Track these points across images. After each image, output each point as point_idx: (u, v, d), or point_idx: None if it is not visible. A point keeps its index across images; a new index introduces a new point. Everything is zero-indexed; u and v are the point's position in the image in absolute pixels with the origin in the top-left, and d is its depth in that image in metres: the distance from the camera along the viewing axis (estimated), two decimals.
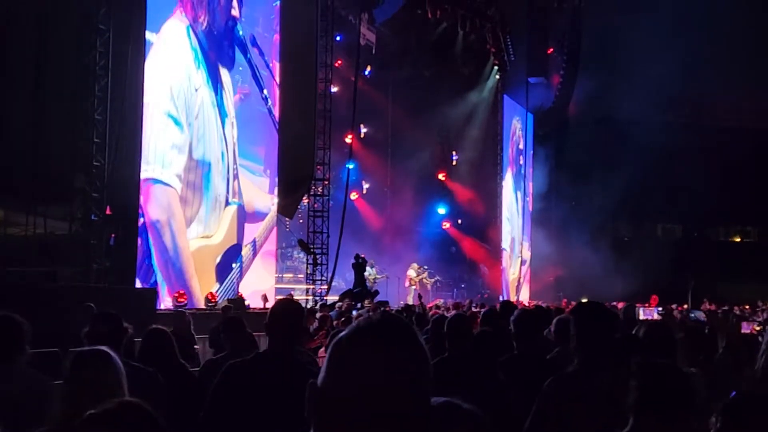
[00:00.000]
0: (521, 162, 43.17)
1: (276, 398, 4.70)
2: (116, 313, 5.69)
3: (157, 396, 5.40)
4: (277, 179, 24.21)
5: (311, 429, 1.82)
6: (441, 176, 39.60)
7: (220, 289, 20.71)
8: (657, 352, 5.30)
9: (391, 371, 1.75)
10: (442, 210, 39.74)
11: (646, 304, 28.86)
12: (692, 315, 23.32)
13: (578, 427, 4.37)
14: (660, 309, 25.96)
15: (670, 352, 5.50)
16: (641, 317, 16.45)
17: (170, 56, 19.46)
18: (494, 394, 5.67)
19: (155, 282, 18.41)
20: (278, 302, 5.38)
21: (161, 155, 19.00)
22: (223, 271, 21.20)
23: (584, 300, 30.66)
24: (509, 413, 5.41)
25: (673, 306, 28.47)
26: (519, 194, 42.96)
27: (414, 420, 1.75)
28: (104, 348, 3.89)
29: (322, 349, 9.19)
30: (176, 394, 5.89)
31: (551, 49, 41.32)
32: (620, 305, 17.23)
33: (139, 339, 6.97)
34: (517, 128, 42.78)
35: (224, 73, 21.63)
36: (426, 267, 34.67)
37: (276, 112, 24.00)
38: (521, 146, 43.17)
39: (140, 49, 18.43)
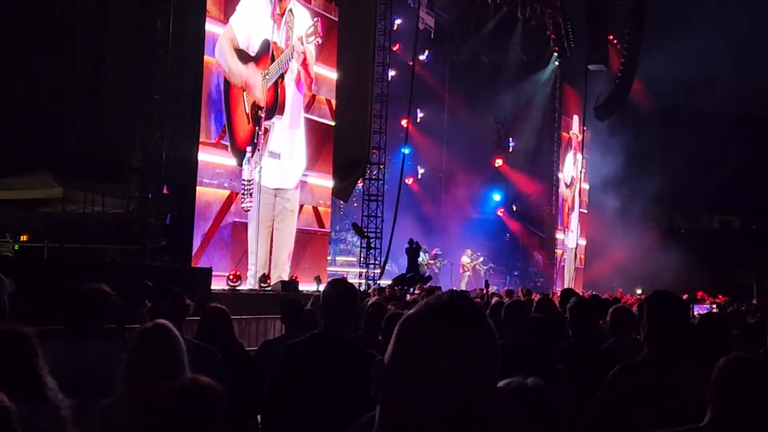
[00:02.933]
0: (579, 149, 42.79)
1: (334, 378, 4.76)
2: (179, 290, 5.74)
3: (218, 374, 5.45)
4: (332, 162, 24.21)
5: (378, 407, 1.82)
6: (497, 163, 39.40)
7: (274, 268, 20.78)
8: (711, 345, 5.24)
9: (459, 355, 1.74)
10: (497, 197, 39.56)
11: (704, 297, 28.50)
12: (743, 308, 22.92)
13: (644, 416, 4.32)
14: (714, 304, 25.63)
15: (723, 343, 5.44)
16: (695, 313, 16.23)
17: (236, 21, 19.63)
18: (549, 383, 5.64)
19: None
20: (332, 283, 5.36)
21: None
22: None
23: (638, 291, 30.35)
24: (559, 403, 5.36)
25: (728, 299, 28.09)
26: (575, 182, 42.59)
27: (480, 404, 1.75)
28: (167, 323, 3.95)
29: None
30: (233, 373, 5.93)
31: (612, 36, 40.83)
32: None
33: (197, 317, 7.01)
34: (575, 116, 42.40)
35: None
36: (479, 254, 34.58)
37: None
38: (579, 134, 42.77)
39: (200, 28, 18.56)
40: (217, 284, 17.64)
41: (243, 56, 19.79)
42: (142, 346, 3.87)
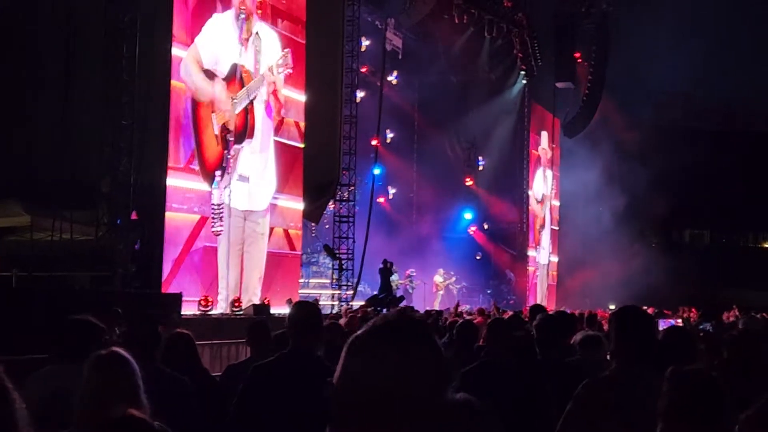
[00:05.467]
0: (549, 166, 43.00)
1: (300, 397, 4.78)
2: (153, 315, 5.72)
3: (188, 405, 5.44)
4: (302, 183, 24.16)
5: (328, 427, 1.82)
6: (467, 181, 39.51)
7: (244, 292, 20.67)
8: (676, 357, 5.26)
9: (403, 370, 1.73)
10: (468, 215, 39.65)
11: (669, 312, 28.72)
12: (702, 326, 23.12)
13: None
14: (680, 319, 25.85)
15: (690, 356, 5.45)
16: (660, 327, 16.35)
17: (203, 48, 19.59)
18: (534, 399, 5.70)
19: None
20: (296, 305, 5.48)
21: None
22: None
23: (612, 306, 30.55)
24: (547, 418, 5.39)
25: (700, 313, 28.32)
26: (546, 199, 42.74)
27: (426, 419, 1.73)
28: (122, 351, 3.92)
29: None
30: (199, 399, 5.90)
31: (578, 54, 41.12)
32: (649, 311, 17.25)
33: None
34: (544, 134, 42.61)
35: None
36: (452, 273, 34.60)
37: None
38: (548, 151, 42.98)
39: (167, 53, 18.51)
40: (188, 309, 17.52)
41: (209, 75, 19.73)
42: (96, 373, 3.82)
